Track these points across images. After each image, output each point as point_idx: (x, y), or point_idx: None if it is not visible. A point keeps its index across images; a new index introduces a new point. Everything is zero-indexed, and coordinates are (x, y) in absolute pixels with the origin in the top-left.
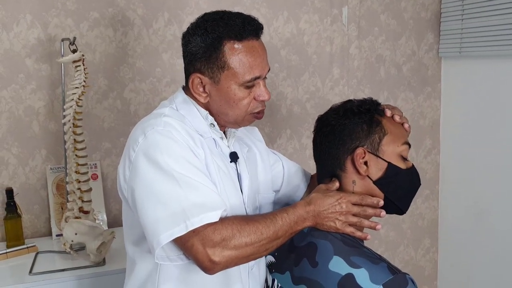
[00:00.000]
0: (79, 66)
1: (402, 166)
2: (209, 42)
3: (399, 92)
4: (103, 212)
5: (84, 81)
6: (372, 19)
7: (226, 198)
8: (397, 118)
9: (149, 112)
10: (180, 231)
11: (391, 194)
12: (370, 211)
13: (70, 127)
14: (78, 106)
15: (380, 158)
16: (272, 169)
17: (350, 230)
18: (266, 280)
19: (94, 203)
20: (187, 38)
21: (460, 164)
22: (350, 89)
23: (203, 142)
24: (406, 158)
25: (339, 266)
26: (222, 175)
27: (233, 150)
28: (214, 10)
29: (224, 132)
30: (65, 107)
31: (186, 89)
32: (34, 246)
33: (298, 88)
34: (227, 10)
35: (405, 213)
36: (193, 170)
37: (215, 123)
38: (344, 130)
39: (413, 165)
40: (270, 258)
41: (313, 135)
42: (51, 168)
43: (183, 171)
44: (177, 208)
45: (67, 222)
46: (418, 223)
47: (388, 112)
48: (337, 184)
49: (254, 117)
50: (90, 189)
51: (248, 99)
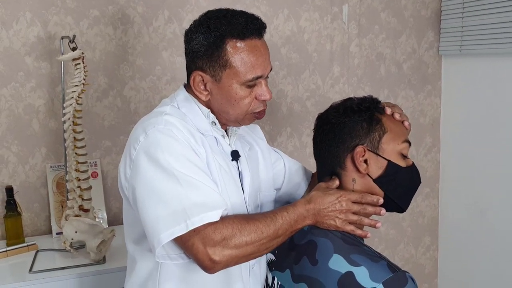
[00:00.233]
0: (79, 64)
1: (402, 164)
2: (211, 40)
3: (400, 90)
4: (103, 210)
5: (84, 79)
6: (373, 17)
7: (227, 196)
8: (397, 116)
9: (149, 110)
10: (181, 230)
11: (391, 192)
12: (370, 209)
13: (70, 125)
14: (78, 104)
15: (380, 156)
16: (274, 167)
17: (350, 228)
18: (266, 278)
19: (94, 201)
20: (189, 35)
21: (460, 162)
22: (351, 87)
23: (204, 140)
24: (406, 156)
25: (339, 264)
26: (223, 173)
27: (234, 149)
28: (214, 8)
29: (225, 130)
30: (65, 105)
31: (188, 86)
32: (34, 244)
33: (298, 86)
34: (229, 8)
35: (405, 211)
36: (194, 169)
37: (217, 121)
38: (344, 128)
39: (413, 163)
40: (270, 256)
41: (313, 133)
42: (51, 166)
43: (184, 170)
44: (178, 207)
45: (67, 220)
46: (418, 221)
47: (388, 110)
48: (337, 182)
49: (255, 116)
50: (90, 187)
51: (249, 99)
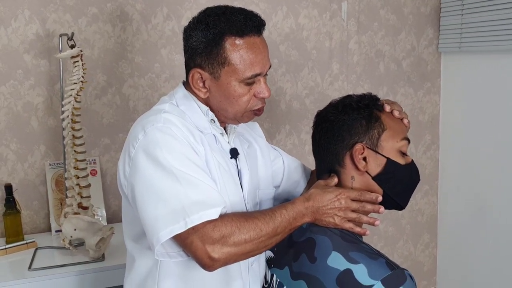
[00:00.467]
0: (78, 61)
1: (401, 161)
2: (210, 37)
3: (399, 88)
4: (102, 208)
5: (83, 76)
6: (372, 14)
7: (226, 194)
8: (396, 113)
9: (148, 108)
10: (180, 228)
11: (390, 190)
12: (369, 207)
13: (69, 122)
14: (76, 102)
15: (379, 153)
16: (273, 164)
17: (349, 225)
18: (265, 275)
19: (93, 199)
20: (188, 32)
21: (460, 159)
22: (350, 84)
23: (203, 138)
24: (405, 153)
25: (337, 261)
26: (222, 171)
27: (233, 146)
28: (213, 5)
29: (224, 128)
30: (63, 103)
31: (187, 84)
32: (33, 242)
33: (297, 84)
34: (227, 5)
35: (404, 208)
36: (192, 167)
37: (216, 119)
38: (343, 126)
39: (412, 160)
40: (269, 254)
41: (312, 130)
42: (50, 164)
43: (183, 168)
44: (177, 205)
45: (66, 218)
46: (417, 219)
47: (387, 107)
48: (336, 179)
49: (253, 114)
50: (89, 185)
51: (248, 96)
